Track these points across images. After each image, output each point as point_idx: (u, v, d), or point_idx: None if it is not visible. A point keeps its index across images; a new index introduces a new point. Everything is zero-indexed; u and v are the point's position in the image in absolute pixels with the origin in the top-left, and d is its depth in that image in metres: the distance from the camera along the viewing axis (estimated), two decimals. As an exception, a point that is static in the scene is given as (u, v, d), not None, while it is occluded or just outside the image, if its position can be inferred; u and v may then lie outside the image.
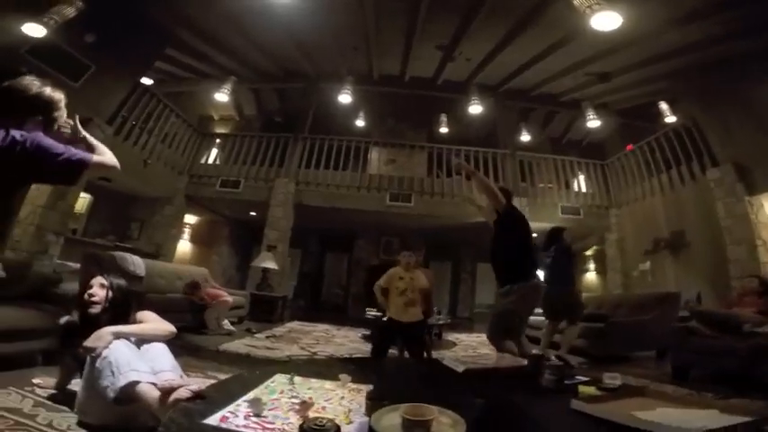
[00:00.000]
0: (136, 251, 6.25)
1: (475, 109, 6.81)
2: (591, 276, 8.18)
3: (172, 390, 1.21)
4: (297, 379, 1.48)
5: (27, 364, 2.00)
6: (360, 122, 8.30)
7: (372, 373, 1.65)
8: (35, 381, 1.77)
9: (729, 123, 5.07)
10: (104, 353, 1.35)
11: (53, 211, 4.47)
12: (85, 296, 1.59)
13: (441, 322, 4.96)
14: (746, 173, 4.85)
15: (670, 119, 6.09)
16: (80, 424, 1.43)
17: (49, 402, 1.63)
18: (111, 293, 1.62)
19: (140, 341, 1.50)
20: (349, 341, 4.94)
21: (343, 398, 1.34)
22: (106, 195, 6.42)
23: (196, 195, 7.43)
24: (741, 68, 4.75)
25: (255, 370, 1.68)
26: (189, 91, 7.78)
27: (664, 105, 6.42)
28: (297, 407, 1.20)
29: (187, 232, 8.96)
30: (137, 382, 1.27)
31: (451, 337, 5.73)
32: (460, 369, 1.71)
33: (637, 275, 6.58)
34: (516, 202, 6.86)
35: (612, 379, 1.40)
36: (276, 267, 6.44)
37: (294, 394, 1.33)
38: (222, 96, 5.92)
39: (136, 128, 5.80)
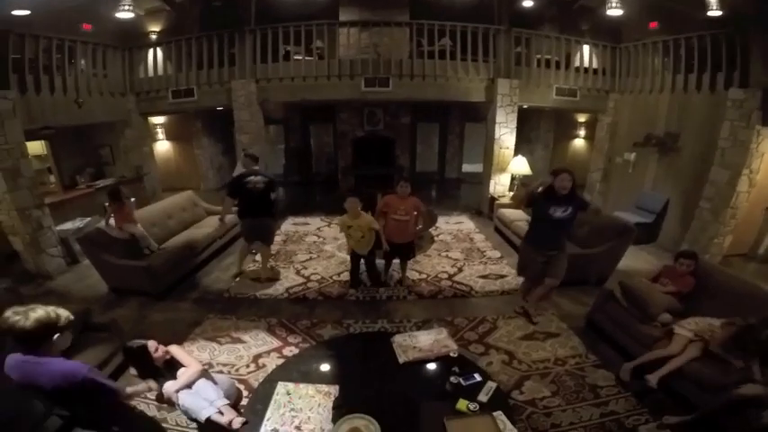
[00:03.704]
0: (121, 184, 7.01)
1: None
2: (579, 143, 8.66)
3: (230, 421, 2.37)
4: (291, 388, 2.62)
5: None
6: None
7: (341, 376, 2.75)
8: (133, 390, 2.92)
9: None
10: (179, 403, 2.48)
11: (19, 191, 4.70)
12: (157, 357, 2.64)
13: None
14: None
15: (714, 12, 4.91)
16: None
17: (156, 403, 2.72)
18: (167, 355, 2.68)
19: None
20: (338, 248, 6.15)
21: (319, 405, 2.49)
22: (61, 136, 6.51)
23: (151, 110, 7.54)
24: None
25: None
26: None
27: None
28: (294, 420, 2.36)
29: (160, 132, 9.35)
30: (209, 416, 2.42)
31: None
32: (401, 360, 2.82)
33: (619, 163, 7.11)
34: (506, 83, 7.11)
35: (486, 393, 2.44)
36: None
37: (292, 407, 2.49)
38: (124, 15, 5.15)
39: (41, 74, 5.41)
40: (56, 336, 1.79)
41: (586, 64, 7.29)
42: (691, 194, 5.77)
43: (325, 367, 2.84)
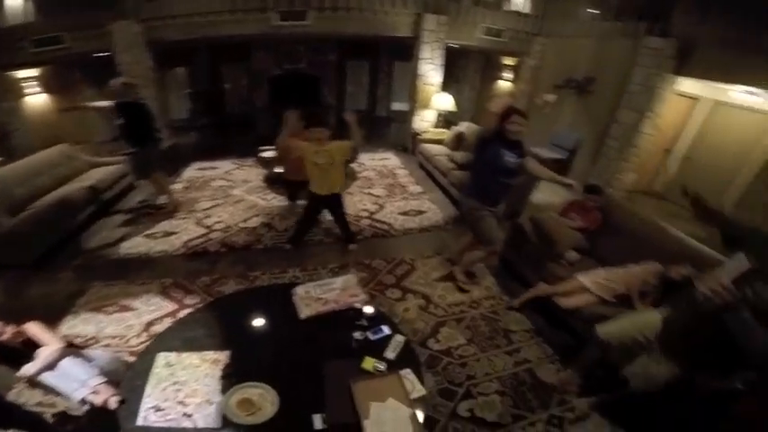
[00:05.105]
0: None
1: None
2: (504, 85, 8.66)
3: (105, 400, 2.01)
4: (173, 358, 2.26)
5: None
6: None
7: (232, 339, 2.38)
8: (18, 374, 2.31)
9: (708, 10, 4.81)
10: (47, 384, 2.09)
11: None
12: (6, 340, 2.16)
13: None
14: (685, 54, 5.01)
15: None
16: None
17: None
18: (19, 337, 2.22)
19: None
20: (248, 192, 5.68)
21: (206, 375, 2.17)
22: None
23: (7, 64, 6.29)
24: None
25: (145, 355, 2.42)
26: None
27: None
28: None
29: (33, 86, 7.77)
30: (82, 398, 2.06)
31: (361, 158, 6.69)
32: (303, 315, 2.50)
33: (539, 104, 7.21)
34: (433, 19, 6.75)
35: (393, 350, 2.21)
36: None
37: (174, 380, 2.14)
38: None
39: None
40: None
41: (520, 7, 7.13)
42: (601, 134, 6.02)
43: (213, 331, 2.47)
